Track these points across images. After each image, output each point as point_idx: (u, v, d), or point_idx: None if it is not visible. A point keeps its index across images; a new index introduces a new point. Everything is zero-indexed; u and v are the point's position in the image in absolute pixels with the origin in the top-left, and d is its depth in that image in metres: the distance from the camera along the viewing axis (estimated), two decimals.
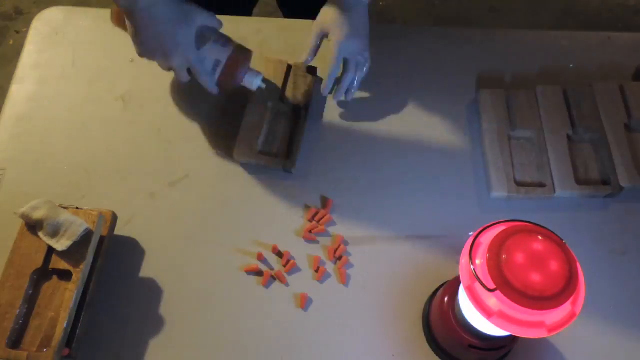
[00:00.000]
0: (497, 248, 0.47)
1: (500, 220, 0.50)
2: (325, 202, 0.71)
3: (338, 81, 0.76)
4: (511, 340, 0.59)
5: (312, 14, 0.76)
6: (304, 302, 0.65)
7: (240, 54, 0.71)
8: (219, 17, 0.70)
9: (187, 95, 0.78)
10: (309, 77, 0.76)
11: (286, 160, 0.72)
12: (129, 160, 0.74)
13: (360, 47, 0.74)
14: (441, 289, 0.63)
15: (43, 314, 0.60)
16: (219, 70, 0.70)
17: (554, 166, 0.71)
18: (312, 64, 0.76)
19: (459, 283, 0.55)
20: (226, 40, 0.70)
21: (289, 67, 0.77)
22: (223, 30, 0.71)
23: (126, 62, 0.81)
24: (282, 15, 1.13)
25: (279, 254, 0.68)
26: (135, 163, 0.74)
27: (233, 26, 0.83)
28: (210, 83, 0.70)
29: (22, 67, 0.80)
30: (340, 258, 0.68)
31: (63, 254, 0.61)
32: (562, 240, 0.48)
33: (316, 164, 0.74)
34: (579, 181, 0.71)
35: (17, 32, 1.75)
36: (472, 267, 0.47)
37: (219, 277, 0.67)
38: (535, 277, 0.45)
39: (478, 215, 0.71)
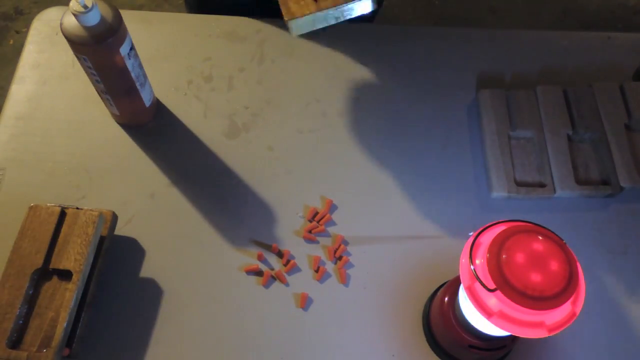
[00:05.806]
0: (497, 248, 0.47)
1: (500, 220, 0.50)
2: (325, 202, 0.71)
3: None
4: (511, 340, 0.59)
5: None
6: (304, 302, 0.65)
7: None
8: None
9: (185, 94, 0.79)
10: None
11: None
12: (129, 160, 0.74)
13: None
14: (441, 289, 0.63)
15: (43, 314, 0.60)
16: None
17: (554, 166, 0.71)
18: None
19: (459, 283, 0.55)
20: None
21: None
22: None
23: None
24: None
25: (279, 254, 0.68)
26: (135, 163, 0.74)
27: (233, 26, 0.83)
28: None
29: (22, 67, 0.80)
30: (340, 258, 0.68)
31: (63, 254, 0.61)
32: (562, 240, 0.48)
33: (316, 164, 0.74)
34: (579, 181, 0.71)
35: (17, 32, 1.75)
36: (472, 267, 0.47)
37: (219, 277, 0.67)
38: (536, 277, 0.45)
39: (478, 215, 0.71)
